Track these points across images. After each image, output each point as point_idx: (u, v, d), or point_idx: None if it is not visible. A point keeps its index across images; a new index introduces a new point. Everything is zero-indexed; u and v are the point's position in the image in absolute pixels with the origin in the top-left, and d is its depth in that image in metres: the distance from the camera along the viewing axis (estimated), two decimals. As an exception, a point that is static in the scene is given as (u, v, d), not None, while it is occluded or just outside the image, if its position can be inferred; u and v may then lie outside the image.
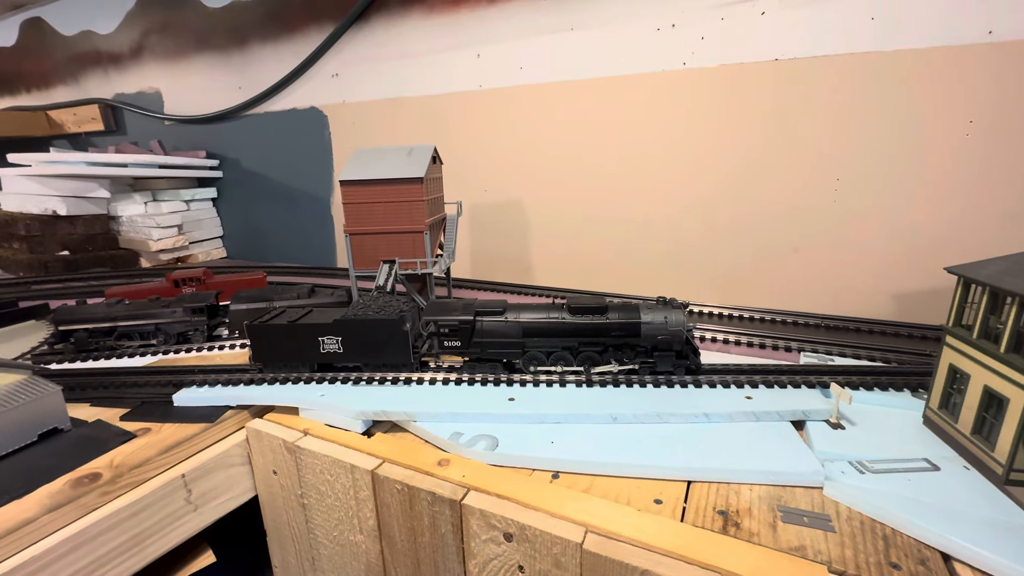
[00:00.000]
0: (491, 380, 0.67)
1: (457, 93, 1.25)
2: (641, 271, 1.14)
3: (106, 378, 0.74)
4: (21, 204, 1.63)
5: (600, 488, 0.51)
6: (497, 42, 1.16)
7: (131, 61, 1.85)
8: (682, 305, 0.64)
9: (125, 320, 0.85)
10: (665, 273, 1.11)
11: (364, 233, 0.77)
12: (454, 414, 0.61)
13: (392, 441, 0.60)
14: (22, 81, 2.23)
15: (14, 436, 0.58)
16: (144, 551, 0.57)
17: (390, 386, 0.67)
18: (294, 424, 0.65)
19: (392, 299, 0.69)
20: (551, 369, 0.66)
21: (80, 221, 1.60)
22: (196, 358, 0.84)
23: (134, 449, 0.60)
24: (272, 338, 0.68)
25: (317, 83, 1.47)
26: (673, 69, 1.00)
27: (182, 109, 1.78)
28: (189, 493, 0.61)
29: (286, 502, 0.66)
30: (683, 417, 0.59)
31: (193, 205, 1.75)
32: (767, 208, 0.99)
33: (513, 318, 0.65)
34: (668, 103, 1.03)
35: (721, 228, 1.04)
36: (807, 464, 0.50)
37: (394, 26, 1.29)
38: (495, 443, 0.56)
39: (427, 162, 0.77)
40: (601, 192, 1.14)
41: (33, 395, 0.59)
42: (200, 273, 1.05)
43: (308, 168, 1.57)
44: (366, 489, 0.57)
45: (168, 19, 1.70)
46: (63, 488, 0.53)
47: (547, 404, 0.62)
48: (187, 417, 0.66)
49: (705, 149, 1.01)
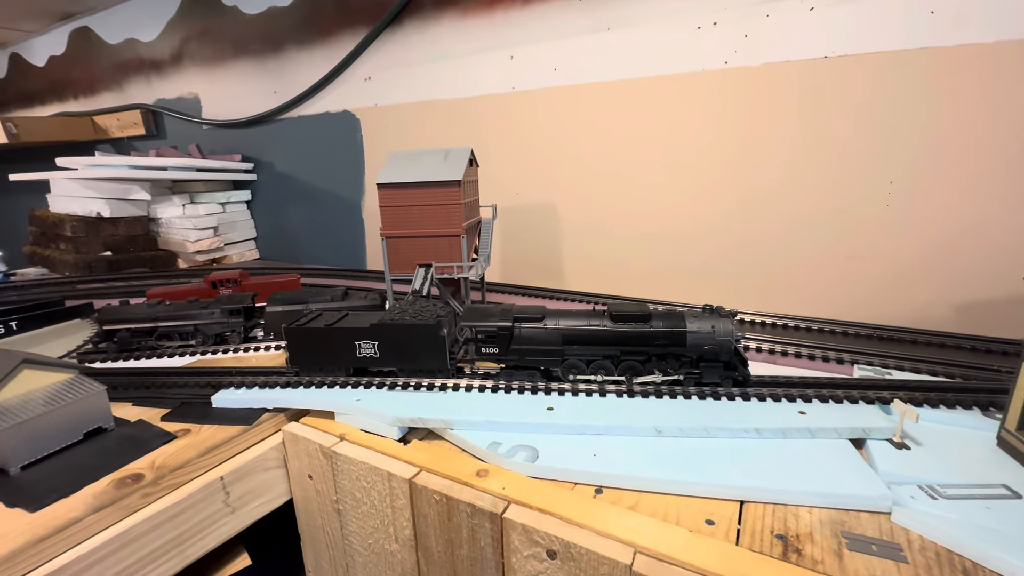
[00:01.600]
0: (528, 388, 0.65)
1: (489, 95, 1.24)
2: (679, 276, 1.10)
3: (147, 378, 0.75)
4: (68, 206, 1.69)
5: (647, 505, 0.49)
6: (531, 43, 1.15)
7: (171, 67, 1.90)
8: (730, 314, 0.62)
9: (166, 321, 0.86)
10: (704, 278, 1.08)
11: (400, 236, 0.77)
12: (491, 422, 0.60)
13: (429, 449, 0.59)
14: (70, 88, 2.32)
15: (61, 435, 0.59)
16: (184, 553, 0.57)
17: (425, 392, 0.66)
18: (330, 429, 0.64)
19: (428, 304, 0.68)
20: (591, 378, 0.64)
21: (122, 223, 1.65)
22: (233, 359, 0.85)
23: (175, 450, 0.60)
24: (309, 341, 0.68)
25: (350, 87, 1.48)
26: (714, 68, 0.97)
27: (219, 113, 1.82)
28: (227, 495, 0.61)
29: (321, 507, 0.65)
30: (732, 432, 0.56)
31: (228, 207, 1.79)
32: (814, 212, 0.94)
33: (552, 325, 0.63)
34: (708, 103, 0.99)
35: (764, 233, 1.00)
36: (872, 487, 0.47)
37: (427, 29, 1.29)
38: (535, 454, 0.55)
39: (464, 165, 0.76)
40: (636, 195, 1.11)
41: (79, 394, 0.60)
42: (236, 275, 1.06)
43: (340, 171, 1.59)
44: (403, 498, 0.56)
45: (207, 26, 1.74)
46: (107, 488, 0.53)
47: (587, 414, 0.60)
48: (225, 418, 0.67)
49: (747, 150, 0.98)
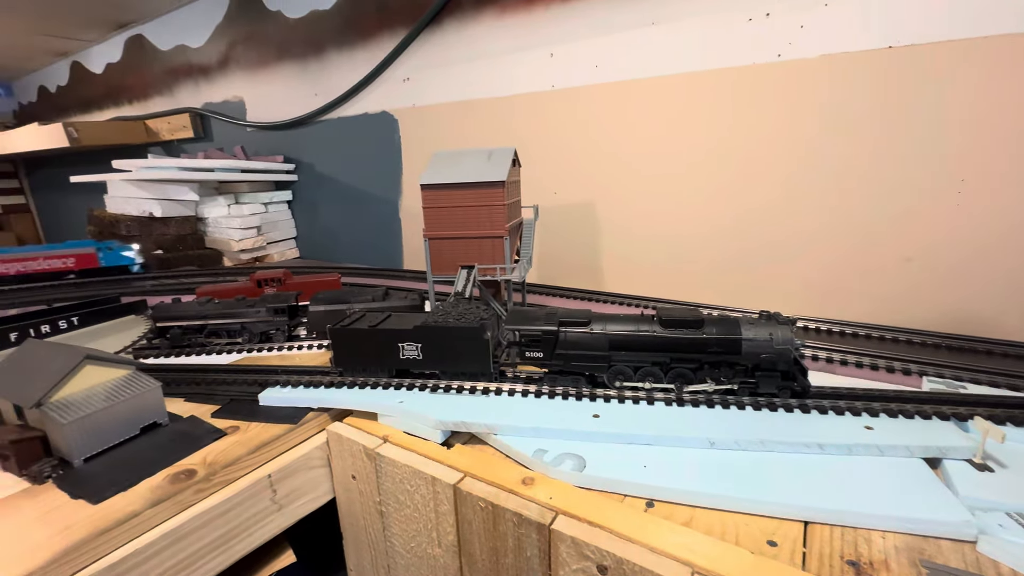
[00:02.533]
0: (573, 394, 0.63)
1: (528, 94, 1.22)
2: (725, 278, 1.06)
3: (198, 375, 0.77)
4: (123, 206, 1.77)
5: (702, 521, 0.46)
6: (572, 40, 1.13)
7: (218, 72, 1.97)
8: (789, 321, 0.58)
9: (215, 319, 0.89)
10: (751, 282, 1.03)
11: (443, 237, 0.76)
12: (536, 429, 0.58)
13: (473, 454, 0.58)
14: (125, 94, 2.44)
15: (120, 429, 0.61)
16: (232, 549, 0.58)
17: (468, 395, 0.65)
18: (374, 430, 0.64)
19: (472, 306, 0.68)
20: (639, 385, 0.62)
21: (172, 222, 1.72)
22: (277, 357, 0.86)
23: (225, 447, 0.61)
24: (353, 342, 0.68)
25: (388, 87, 1.49)
26: (767, 61, 0.92)
27: (262, 116, 1.87)
28: (274, 493, 0.61)
29: (364, 508, 0.65)
30: (792, 446, 0.53)
31: (271, 207, 1.84)
32: (871, 211, 0.89)
33: (599, 329, 0.61)
34: (760, 98, 0.95)
35: (820, 233, 0.95)
36: (953, 512, 0.43)
37: (466, 28, 1.28)
38: (582, 463, 0.53)
39: (508, 165, 0.75)
40: (680, 194, 1.08)
41: (137, 390, 0.62)
42: (280, 274, 1.08)
43: (378, 171, 1.60)
44: (447, 503, 0.55)
45: (252, 31, 1.79)
46: (162, 483, 0.55)
47: (635, 423, 0.58)
48: (272, 416, 0.68)
49: (802, 147, 0.93)
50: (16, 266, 1.34)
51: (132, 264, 1.51)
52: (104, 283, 1.46)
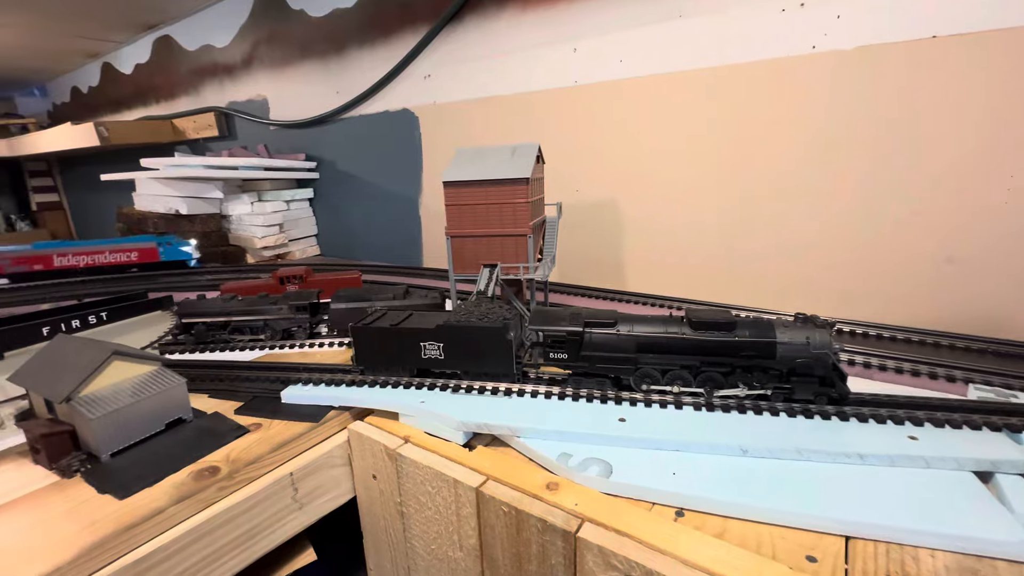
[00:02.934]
0: (598, 397, 0.61)
1: (550, 90, 1.21)
2: (755, 279, 1.03)
3: (221, 371, 0.78)
4: (151, 204, 1.81)
5: (735, 533, 0.44)
6: (595, 35, 1.10)
7: (242, 71, 1.99)
8: (827, 324, 0.56)
9: (238, 315, 0.89)
10: (783, 281, 1.00)
11: (465, 236, 0.75)
12: (560, 432, 0.57)
13: (495, 457, 0.57)
14: (153, 93, 2.49)
15: (146, 424, 0.61)
16: (254, 546, 0.58)
17: (490, 396, 0.64)
18: (395, 430, 0.64)
19: (495, 305, 0.66)
20: (667, 389, 0.60)
21: (198, 219, 1.75)
22: (299, 354, 0.87)
23: (247, 444, 0.61)
24: (374, 340, 0.67)
25: (409, 85, 1.49)
26: (800, 54, 0.89)
27: (285, 114, 1.89)
28: (295, 492, 0.61)
29: (384, 508, 0.65)
30: (830, 456, 0.50)
31: (292, 205, 1.85)
32: (915, 209, 0.85)
33: (626, 331, 0.59)
34: (791, 92, 0.91)
35: (857, 231, 0.91)
36: (1009, 531, 0.41)
37: (487, 24, 1.27)
38: (608, 469, 0.51)
39: (532, 162, 0.73)
40: (707, 192, 1.05)
41: (162, 386, 0.63)
42: (302, 271, 1.09)
43: (398, 169, 1.60)
44: (469, 506, 0.54)
45: (275, 30, 1.81)
46: (186, 480, 0.55)
47: (663, 428, 0.56)
48: (293, 414, 0.68)
49: (838, 142, 0.89)
50: (85, 259, 1.43)
51: (189, 259, 1.54)
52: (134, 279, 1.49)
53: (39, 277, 1.44)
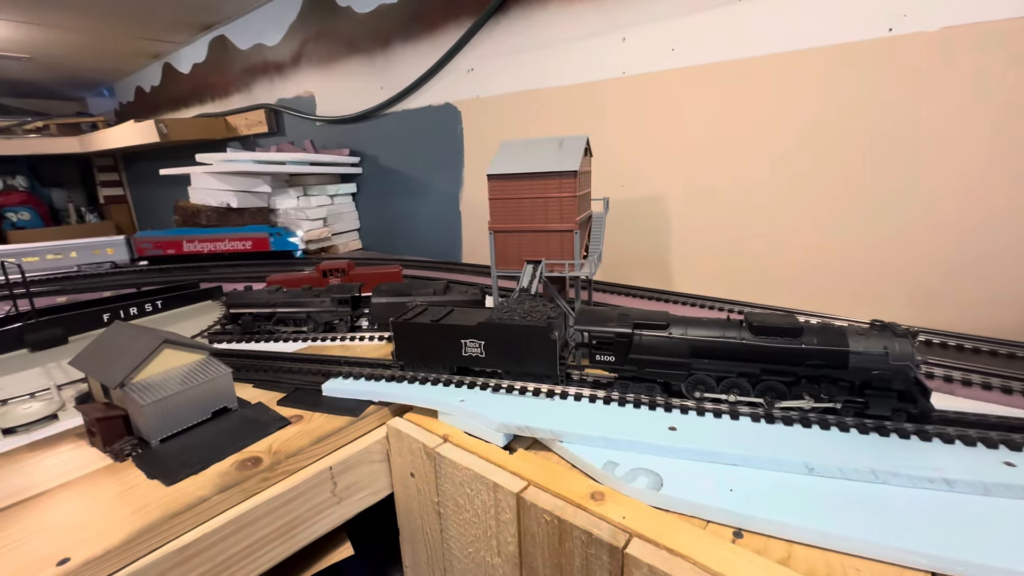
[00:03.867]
0: (647, 403, 0.58)
1: (597, 82, 1.17)
2: (817, 282, 0.96)
3: (266, 362, 0.79)
4: (204, 197, 1.88)
5: (801, 560, 0.40)
6: (646, 23, 1.06)
7: (291, 68, 2.04)
8: (908, 333, 0.50)
9: (283, 307, 0.91)
10: (851, 284, 0.93)
11: (509, 231, 0.73)
12: (606, 439, 0.54)
13: (537, 461, 0.55)
14: (208, 92, 2.59)
15: (194, 412, 0.62)
16: (294, 538, 0.58)
17: (532, 398, 0.62)
18: (434, 428, 0.62)
19: (538, 304, 0.64)
20: (722, 397, 0.56)
21: (247, 212, 1.80)
22: (339, 347, 0.87)
23: (289, 436, 0.61)
24: (415, 336, 0.66)
25: (452, 79, 1.48)
26: (875, 37, 0.82)
27: (331, 110, 1.93)
28: (335, 486, 0.61)
29: (421, 506, 0.64)
30: (911, 480, 0.45)
31: (336, 199, 1.89)
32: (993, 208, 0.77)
33: (679, 334, 0.56)
34: (863, 80, 0.84)
35: (938, 231, 0.83)
36: None
37: (533, 15, 1.24)
38: (659, 481, 0.48)
39: (580, 154, 0.70)
40: (765, 188, 0.99)
41: (210, 375, 0.64)
42: (344, 265, 1.10)
43: (439, 164, 1.60)
44: (509, 512, 0.52)
45: (323, 28, 1.84)
46: (230, 469, 0.55)
47: (718, 439, 0.52)
48: (334, 408, 0.67)
49: (916, 134, 0.82)
50: (209, 245, 1.58)
51: (295, 249, 1.62)
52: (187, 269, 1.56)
53: (171, 260, 1.61)
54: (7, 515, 0.50)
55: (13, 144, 3.03)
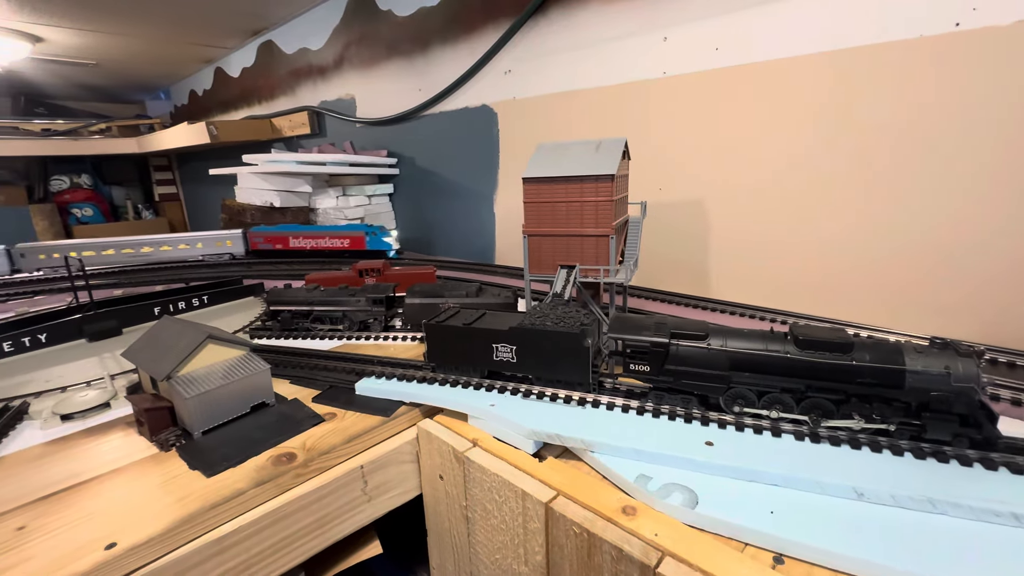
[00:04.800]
0: (682, 415, 0.56)
1: (636, 82, 1.14)
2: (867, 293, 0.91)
3: (302, 359, 0.81)
4: (249, 196, 1.95)
5: (848, 593, 0.38)
6: (689, 21, 1.03)
7: (333, 71, 2.10)
8: (973, 352, 0.47)
9: (320, 305, 0.93)
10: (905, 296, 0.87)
11: (543, 235, 0.72)
12: (639, 451, 0.52)
13: (567, 471, 0.54)
14: (255, 94, 2.70)
15: (234, 406, 0.64)
16: (325, 535, 0.59)
17: (563, 405, 0.61)
18: (463, 431, 0.62)
19: (571, 309, 0.63)
20: (763, 413, 0.53)
21: (289, 212, 1.86)
22: (373, 346, 0.88)
23: (323, 434, 0.63)
24: (447, 338, 0.66)
25: (489, 80, 1.48)
26: (937, 33, 0.77)
27: (370, 112, 1.97)
28: (365, 484, 0.62)
29: (449, 509, 0.64)
30: (973, 512, 0.42)
31: (374, 199, 1.93)
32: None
33: (718, 345, 0.54)
34: (924, 79, 0.79)
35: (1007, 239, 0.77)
36: None
37: (571, 15, 1.23)
38: (694, 498, 0.46)
39: (618, 157, 0.68)
40: (813, 194, 0.94)
41: (249, 371, 0.66)
42: (380, 264, 1.12)
43: (474, 165, 1.61)
44: (537, 521, 0.51)
45: (365, 31, 1.88)
46: (266, 464, 0.57)
47: (758, 457, 0.50)
48: (366, 406, 0.68)
49: (986, 136, 0.76)
50: (311, 242, 1.64)
51: (389, 249, 1.64)
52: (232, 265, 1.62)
53: (277, 255, 1.70)
54: (62, 498, 0.53)
55: (80, 145, 3.24)
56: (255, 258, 1.74)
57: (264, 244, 1.71)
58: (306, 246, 1.65)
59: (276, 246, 1.69)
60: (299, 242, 1.65)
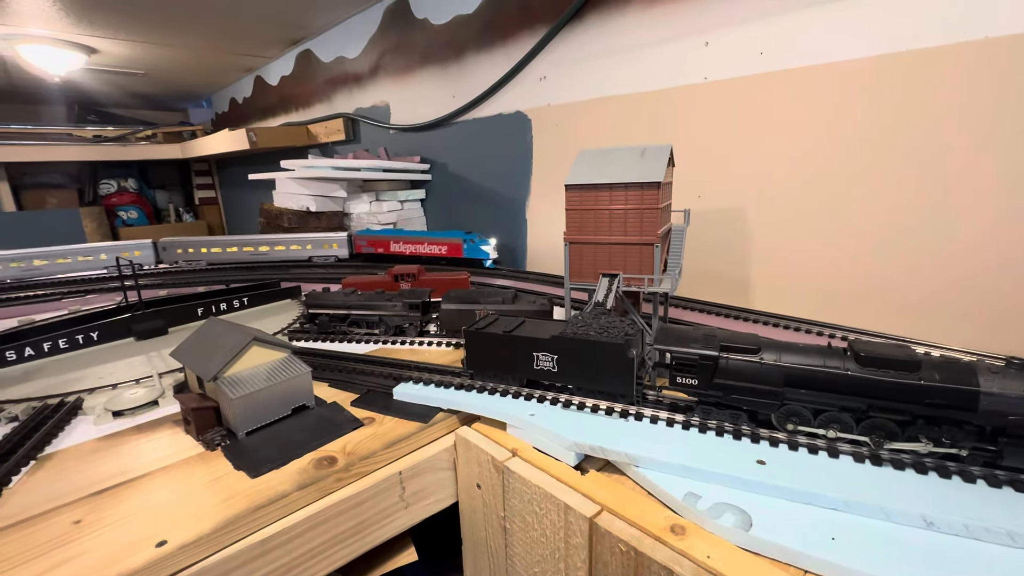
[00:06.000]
0: (731, 431, 0.54)
1: (675, 88, 1.12)
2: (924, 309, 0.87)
3: (340, 362, 0.81)
4: (286, 201, 2.00)
5: (922, 630, 0.35)
6: (733, 25, 1.01)
7: (368, 79, 2.14)
8: (1056, 374, 0.43)
9: (357, 309, 0.94)
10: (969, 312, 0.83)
11: (585, 242, 0.71)
12: (686, 467, 0.50)
13: (611, 485, 0.52)
14: (293, 102, 2.77)
15: (276, 408, 0.65)
16: (363, 540, 0.59)
17: (605, 417, 0.59)
18: (502, 440, 0.61)
19: (615, 319, 0.62)
20: (819, 432, 0.51)
21: (324, 216, 1.90)
22: (408, 351, 0.89)
23: (362, 438, 0.63)
24: (486, 346, 0.66)
25: (524, 87, 1.48)
26: (1009, 33, 0.73)
27: (404, 119, 1.99)
28: (403, 491, 0.61)
29: (487, 519, 0.63)
30: (1059, 548, 0.39)
31: (406, 205, 1.95)
32: None
33: (772, 360, 0.52)
34: (990, 82, 0.75)
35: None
36: None
37: (610, 21, 1.22)
38: (747, 520, 0.44)
39: (664, 164, 0.67)
40: (863, 202, 0.90)
41: (291, 374, 0.67)
42: (415, 270, 1.12)
43: (507, 172, 1.61)
44: (580, 536, 0.50)
45: (401, 40, 1.91)
46: (307, 467, 0.57)
47: (814, 479, 0.47)
48: (404, 412, 0.68)
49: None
50: (410, 247, 1.64)
51: (486, 258, 1.57)
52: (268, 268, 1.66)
53: (380, 259, 1.70)
54: (115, 493, 0.54)
55: (128, 150, 3.39)
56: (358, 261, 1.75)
57: (367, 247, 1.72)
58: (405, 251, 1.65)
59: (378, 250, 1.70)
60: (399, 247, 1.66)
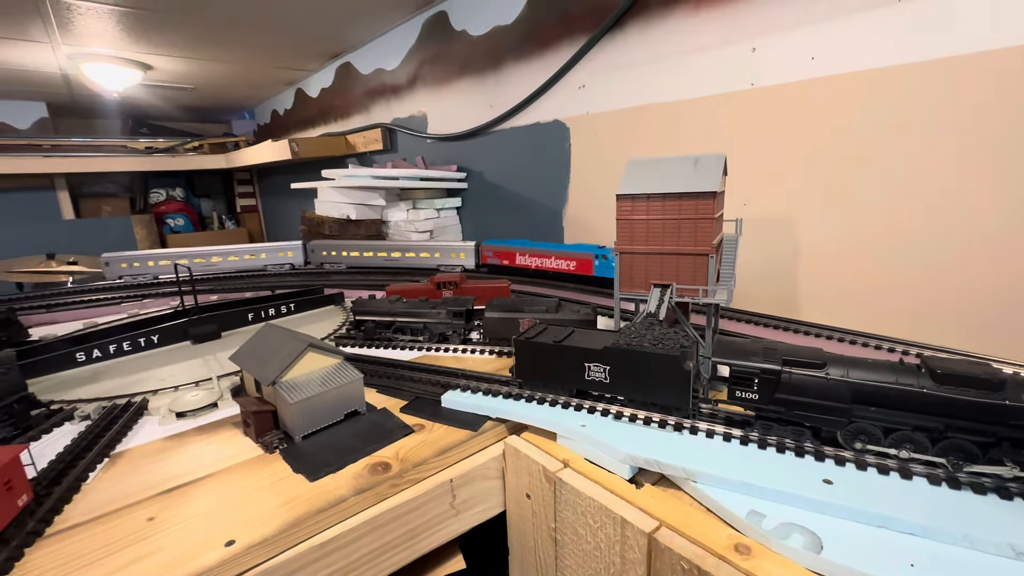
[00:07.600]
0: (793, 448, 0.52)
1: (720, 95, 1.11)
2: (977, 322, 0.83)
3: (388, 368, 0.83)
4: (328, 209, 2.06)
5: (1018, 667, 0.33)
6: (781, 31, 0.99)
7: (406, 90, 2.18)
8: None
9: (402, 316, 0.95)
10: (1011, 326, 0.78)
11: (637, 252, 0.71)
12: (748, 485, 0.49)
13: (669, 501, 0.51)
14: (332, 113, 2.86)
15: (330, 413, 0.67)
16: (415, 546, 0.59)
17: (658, 430, 0.58)
18: (552, 451, 0.61)
19: (668, 330, 0.61)
20: (890, 452, 0.49)
21: (363, 224, 1.95)
22: (452, 359, 0.89)
23: (414, 445, 0.64)
24: (536, 355, 0.66)
25: (562, 96, 1.49)
26: (1085, 35, 0.69)
27: (441, 128, 2.03)
28: (453, 498, 0.62)
29: (536, 530, 0.63)
30: None
31: (443, 213, 1.98)
32: None
33: (839, 375, 0.50)
34: (1066, 85, 0.71)
35: None
36: None
37: (651, 29, 1.22)
38: (817, 542, 0.43)
39: (720, 174, 0.66)
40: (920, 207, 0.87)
41: (344, 379, 0.68)
42: (457, 277, 1.14)
43: (544, 180, 1.61)
44: (637, 552, 0.49)
45: (439, 51, 1.95)
46: (363, 472, 0.58)
47: (887, 501, 0.45)
48: (453, 419, 0.69)
49: None
50: (536, 260, 1.52)
51: None
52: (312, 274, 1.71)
53: (504, 271, 1.59)
54: (183, 492, 0.56)
55: (176, 161, 3.55)
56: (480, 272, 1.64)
57: (493, 258, 1.62)
58: (531, 264, 1.52)
59: (503, 261, 1.59)
60: (524, 259, 1.53)
